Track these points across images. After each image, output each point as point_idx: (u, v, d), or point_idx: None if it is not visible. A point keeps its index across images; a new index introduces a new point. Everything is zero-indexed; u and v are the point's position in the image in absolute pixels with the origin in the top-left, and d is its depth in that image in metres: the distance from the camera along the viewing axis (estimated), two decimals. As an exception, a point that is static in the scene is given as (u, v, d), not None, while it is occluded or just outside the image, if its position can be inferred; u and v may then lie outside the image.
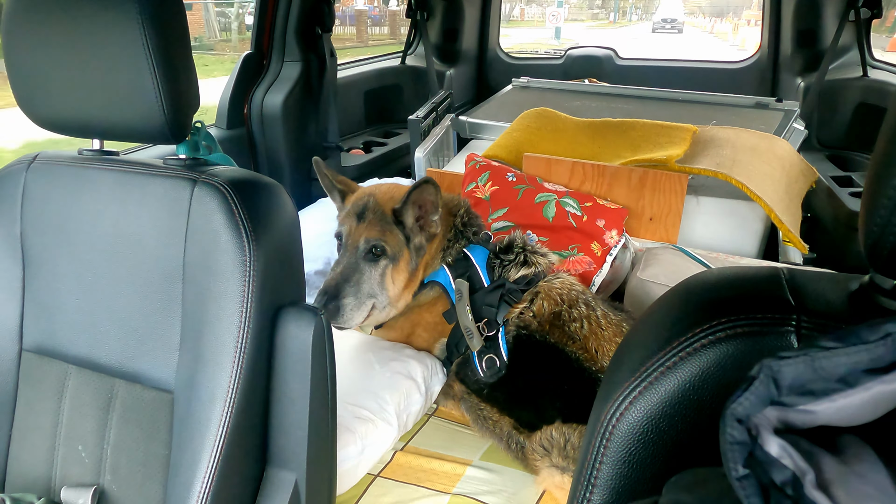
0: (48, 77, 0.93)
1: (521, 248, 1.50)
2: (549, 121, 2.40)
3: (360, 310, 1.44)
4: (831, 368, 0.33)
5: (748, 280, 0.55)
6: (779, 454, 0.33)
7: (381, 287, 1.45)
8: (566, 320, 1.39)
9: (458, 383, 1.46)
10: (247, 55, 2.39)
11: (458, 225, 1.53)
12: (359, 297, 1.42)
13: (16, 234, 1.03)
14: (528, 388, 1.37)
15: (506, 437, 1.36)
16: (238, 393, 0.88)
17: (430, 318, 1.53)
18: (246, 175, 0.96)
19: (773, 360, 0.34)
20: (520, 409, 1.35)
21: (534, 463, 1.29)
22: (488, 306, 1.42)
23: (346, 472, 1.23)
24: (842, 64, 2.87)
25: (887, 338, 0.33)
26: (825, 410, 0.34)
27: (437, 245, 1.52)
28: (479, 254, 1.50)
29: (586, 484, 0.56)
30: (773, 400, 0.34)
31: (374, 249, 1.43)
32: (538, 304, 1.42)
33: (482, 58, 3.87)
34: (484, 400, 1.40)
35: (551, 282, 1.46)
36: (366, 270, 1.43)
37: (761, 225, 2.02)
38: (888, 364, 0.33)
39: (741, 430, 0.34)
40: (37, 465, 1.03)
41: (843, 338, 0.34)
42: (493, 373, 1.39)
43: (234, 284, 0.88)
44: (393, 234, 1.44)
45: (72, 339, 1.01)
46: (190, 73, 0.94)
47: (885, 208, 0.44)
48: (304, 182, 2.56)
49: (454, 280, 1.46)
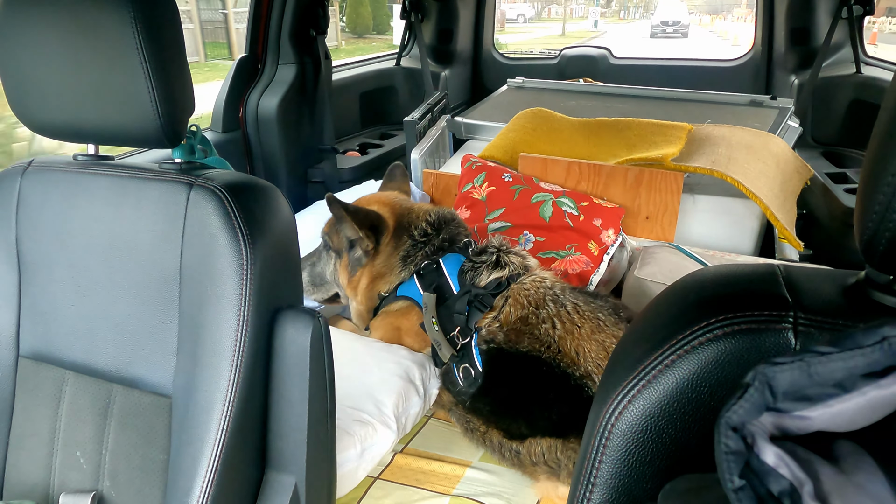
0: (42, 81, 0.92)
1: (496, 249, 1.47)
2: (544, 121, 2.40)
3: (316, 287, 1.70)
4: (827, 374, 0.33)
5: (745, 277, 0.55)
6: (775, 463, 0.32)
7: (333, 276, 1.67)
8: (533, 324, 1.32)
9: (446, 393, 1.45)
10: (241, 58, 2.39)
11: (415, 236, 1.54)
12: (312, 275, 1.70)
13: (11, 240, 1.03)
14: (512, 400, 1.32)
15: (497, 447, 1.32)
16: (236, 397, 0.87)
17: (408, 324, 1.54)
18: (242, 178, 0.96)
19: (768, 367, 0.34)
20: (507, 420, 1.30)
21: (532, 469, 1.28)
22: (458, 314, 1.40)
23: (345, 475, 1.23)
24: (835, 61, 2.88)
25: (884, 342, 0.32)
26: (821, 416, 0.34)
27: (384, 258, 1.55)
28: (452, 262, 1.49)
29: (586, 483, 0.56)
30: (768, 406, 0.33)
31: (324, 241, 1.67)
32: (506, 311, 1.37)
33: (477, 58, 3.87)
34: (468, 411, 1.37)
35: (522, 283, 1.41)
36: (322, 256, 1.69)
37: (757, 222, 2.02)
38: (884, 368, 0.32)
39: (736, 438, 0.33)
40: (35, 472, 1.02)
41: (838, 342, 0.33)
42: (470, 383, 1.36)
43: (232, 288, 0.88)
44: (337, 235, 1.61)
45: (68, 345, 1.01)
46: (185, 76, 0.94)
47: (879, 204, 0.44)
48: (301, 185, 2.55)
49: (423, 292, 1.46)
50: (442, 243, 1.53)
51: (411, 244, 1.54)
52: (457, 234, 1.56)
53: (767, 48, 3.32)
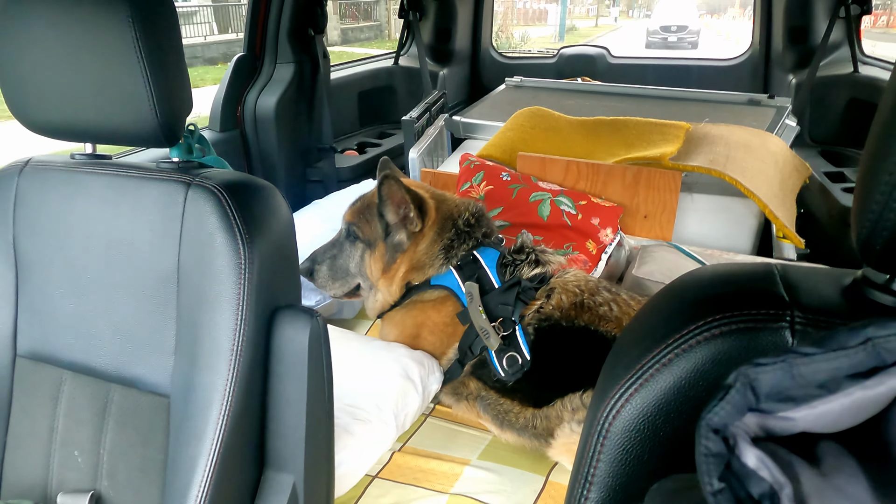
0: (40, 81, 0.92)
1: (532, 249, 1.51)
2: (542, 120, 2.40)
3: (337, 281, 1.61)
4: (810, 375, 0.33)
5: (742, 276, 0.56)
6: (756, 466, 0.32)
7: (358, 268, 1.59)
8: (592, 306, 1.39)
9: (475, 381, 1.44)
10: (239, 57, 2.39)
11: (460, 226, 1.52)
12: (333, 269, 1.61)
13: (8, 240, 1.03)
14: (559, 373, 1.35)
15: (530, 425, 1.34)
16: (234, 396, 0.87)
17: (437, 317, 1.52)
18: (240, 177, 0.96)
19: (750, 368, 0.33)
20: (550, 394, 1.34)
21: (556, 429, 1.30)
22: (503, 305, 1.41)
23: (344, 474, 1.23)
24: (833, 60, 2.89)
25: (867, 343, 0.32)
26: (805, 417, 0.33)
27: (427, 245, 1.52)
28: (489, 256, 1.50)
29: (583, 482, 0.57)
30: (751, 407, 0.33)
31: (350, 231, 1.58)
32: (556, 298, 1.41)
33: (475, 58, 3.87)
34: (505, 395, 1.39)
35: (563, 277, 1.47)
36: (345, 248, 1.60)
37: (755, 221, 2.03)
38: (869, 369, 0.32)
39: (717, 440, 0.33)
40: (33, 472, 1.02)
41: (822, 343, 0.33)
42: (515, 371, 1.38)
43: (230, 287, 0.88)
44: (368, 224, 1.55)
45: (66, 345, 1.00)
46: (182, 75, 0.94)
47: (876, 203, 0.44)
48: (299, 184, 2.55)
49: (463, 283, 1.46)
50: (482, 236, 1.54)
51: (455, 233, 1.52)
52: (491, 229, 1.58)
53: (765, 47, 3.32)
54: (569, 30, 21.98)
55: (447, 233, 1.52)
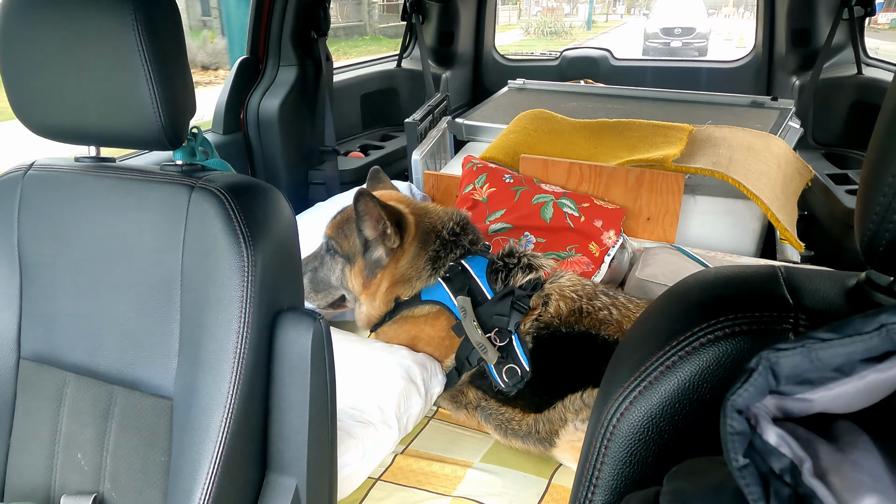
0: (43, 84, 0.92)
1: (523, 254, 1.48)
2: (545, 122, 2.40)
3: (319, 293, 1.61)
4: (828, 359, 0.34)
5: (746, 279, 0.55)
6: (777, 443, 0.34)
7: (340, 281, 1.58)
8: (591, 311, 1.36)
9: (474, 390, 1.42)
10: (243, 60, 2.39)
11: (445, 236, 1.49)
12: (315, 281, 1.60)
13: (13, 242, 1.03)
14: (561, 379, 1.32)
15: (533, 431, 1.32)
16: (237, 398, 0.87)
17: (432, 331, 1.49)
18: (243, 180, 0.96)
19: (771, 352, 0.35)
20: (551, 399, 1.31)
21: (560, 430, 1.28)
22: (499, 315, 1.38)
23: (346, 477, 1.23)
24: (836, 62, 2.88)
25: (882, 328, 0.34)
26: (821, 398, 0.35)
27: (409, 260, 1.49)
28: (478, 264, 1.46)
29: (588, 485, 0.56)
30: (771, 389, 0.35)
31: (329, 245, 1.57)
32: (554, 306, 1.38)
33: (478, 60, 3.87)
34: (506, 404, 1.36)
35: (558, 281, 1.43)
36: (326, 261, 1.59)
37: (758, 224, 2.02)
38: (882, 353, 0.34)
39: (741, 420, 0.34)
40: (36, 474, 1.02)
41: (839, 329, 0.35)
42: (516, 382, 1.35)
43: (233, 290, 0.88)
44: (347, 239, 1.54)
45: (70, 347, 1.01)
46: (186, 78, 0.94)
47: (880, 205, 0.44)
48: (302, 186, 2.56)
49: (455, 297, 1.42)
50: (469, 244, 1.51)
51: (441, 244, 1.48)
52: (477, 236, 1.56)
53: (768, 49, 3.32)
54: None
55: (432, 245, 1.49)
